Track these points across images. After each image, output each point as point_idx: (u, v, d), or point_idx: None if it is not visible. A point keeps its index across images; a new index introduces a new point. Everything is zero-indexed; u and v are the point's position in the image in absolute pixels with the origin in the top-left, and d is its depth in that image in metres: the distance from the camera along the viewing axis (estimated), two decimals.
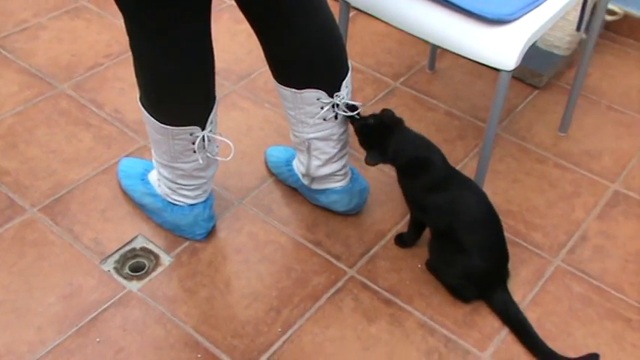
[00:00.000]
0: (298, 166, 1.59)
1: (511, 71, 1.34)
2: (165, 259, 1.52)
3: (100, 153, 1.76)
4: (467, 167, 1.77)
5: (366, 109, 1.57)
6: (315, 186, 1.58)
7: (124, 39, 2.12)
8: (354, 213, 1.62)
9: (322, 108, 1.41)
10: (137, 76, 1.32)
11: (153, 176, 1.58)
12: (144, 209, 1.59)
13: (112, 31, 2.17)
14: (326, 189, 1.57)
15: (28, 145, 1.77)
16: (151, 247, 1.54)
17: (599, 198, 1.72)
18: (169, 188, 1.49)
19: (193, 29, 1.25)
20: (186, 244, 1.55)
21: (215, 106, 1.37)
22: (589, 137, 1.90)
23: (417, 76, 2.08)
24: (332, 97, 1.41)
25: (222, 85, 1.98)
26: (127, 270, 1.50)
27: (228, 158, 1.42)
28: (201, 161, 1.39)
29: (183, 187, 1.47)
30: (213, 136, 1.39)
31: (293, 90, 1.40)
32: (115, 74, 2.01)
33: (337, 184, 1.56)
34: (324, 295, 1.46)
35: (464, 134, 1.89)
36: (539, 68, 2.05)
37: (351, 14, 1.66)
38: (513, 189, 1.73)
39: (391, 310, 1.43)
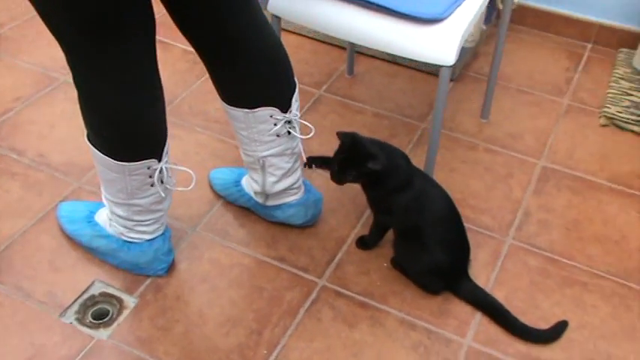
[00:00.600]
0: (251, 185, 1.58)
1: (452, 66, 1.40)
2: (130, 301, 1.46)
3: (32, 202, 1.66)
4: None
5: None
6: (271, 202, 1.57)
7: (30, 80, 2.03)
8: (310, 224, 1.63)
9: (276, 125, 1.41)
10: (84, 114, 1.26)
11: (101, 216, 1.52)
12: (95, 253, 1.52)
13: (16, 74, 2.06)
14: (282, 204, 1.57)
15: None
16: (110, 291, 1.48)
17: (531, 175, 1.82)
18: (124, 227, 1.44)
19: (140, 60, 1.21)
20: (148, 281, 1.49)
21: (168, 136, 1.34)
22: (508, 120, 2.01)
23: (339, 82, 2.12)
24: (285, 112, 1.41)
25: None
26: (90, 319, 1.42)
27: (190, 187, 1.39)
28: (162, 194, 1.35)
29: (141, 223, 1.42)
30: (172, 166, 1.35)
31: (245, 110, 1.39)
32: (29, 118, 1.91)
33: (292, 198, 1.56)
34: (300, 309, 1.45)
35: (395, 132, 1.94)
36: None
37: None
38: (452, 178, 1.81)
39: (369, 312, 1.45)
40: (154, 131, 1.29)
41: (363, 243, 1.58)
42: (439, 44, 1.39)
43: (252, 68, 1.34)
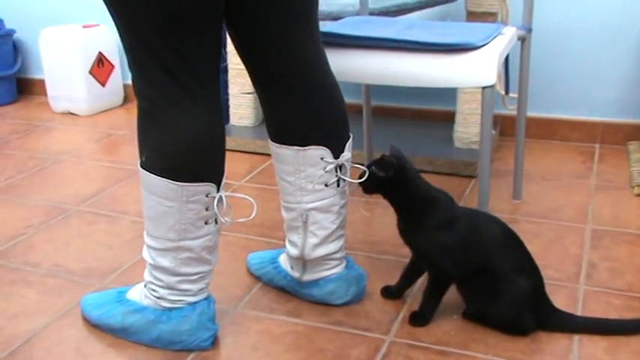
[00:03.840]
0: (288, 253, 1.44)
1: (492, 86, 1.38)
2: None
3: (51, 303, 1.49)
4: None
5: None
6: (308, 277, 1.42)
7: (42, 212, 1.95)
8: (353, 304, 1.45)
9: (325, 169, 1.33)
10: (145, 133, 1.20)
11: (135, 292, 1.36)
12: (128, 334, 1.33)
13: (27, 208, 1.97)
14: (320, 279, 1.42)
15: None
16: None
17: (583, 236, 1.72)
18: (167, 287, 1.27)
19: (211, 71, 1.20)
20: (191, 356, 1.29)
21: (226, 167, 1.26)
22: (542, 199, 1.95)
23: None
24: (336, 158, 1.34)
25: None
26: None
27: (252, 216, 1.27)
28: (218, 223, 1.23)
29: (187, 277, 1.26)
30: (231, 194, 1.24)
31: (295, 148, 1.31)
32: (42, 239, 1.80)
33: (333, 271, 1.41)
34: None
35: None
36: (469, 159, 2.15)
37: None
38: None
39: (451, 358, 1.26)
40: (217, 151, 1.22)
41: (420, 318, 1.38)
42: (478, 68, 1.38)
43: (311, 103, 1.29)
